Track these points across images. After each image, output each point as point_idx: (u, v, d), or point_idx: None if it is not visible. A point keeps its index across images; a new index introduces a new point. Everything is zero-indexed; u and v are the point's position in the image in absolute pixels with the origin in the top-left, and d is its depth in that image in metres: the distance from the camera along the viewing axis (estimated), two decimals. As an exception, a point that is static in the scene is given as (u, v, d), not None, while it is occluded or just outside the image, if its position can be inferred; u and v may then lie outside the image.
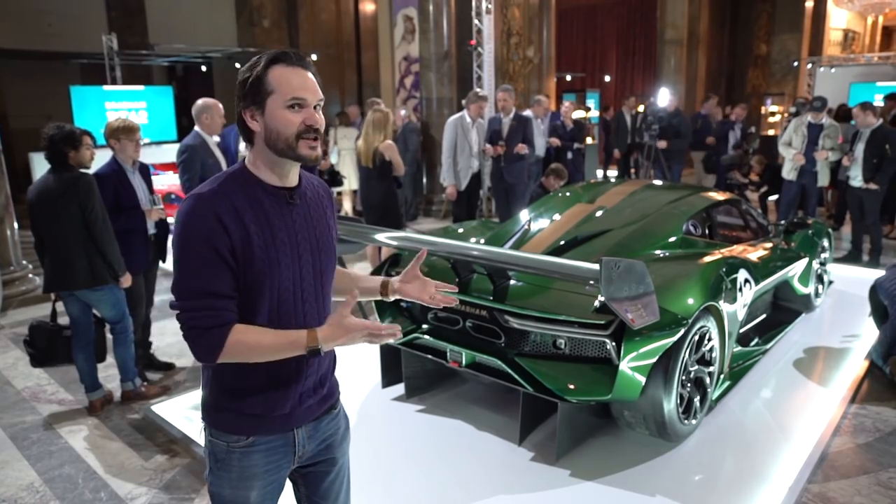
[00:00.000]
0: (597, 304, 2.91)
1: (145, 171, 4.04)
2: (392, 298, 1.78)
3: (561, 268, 2.75)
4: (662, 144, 8.69)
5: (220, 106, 4.51)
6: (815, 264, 4.89)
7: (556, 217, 4.02)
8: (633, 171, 12.27)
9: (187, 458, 3.22)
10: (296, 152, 1.47)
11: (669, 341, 2.85)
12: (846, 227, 8.00)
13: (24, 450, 3.34)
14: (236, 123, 1.54)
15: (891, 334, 3.97)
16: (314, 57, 12.50)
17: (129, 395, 3.83)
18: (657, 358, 2.84)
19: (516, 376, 2.99)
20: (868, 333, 4.58)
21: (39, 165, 9.29)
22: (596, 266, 2.49)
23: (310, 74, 1.50)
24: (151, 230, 4.03)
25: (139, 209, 3.90)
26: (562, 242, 3.65)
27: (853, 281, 5.83)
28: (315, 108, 1.49)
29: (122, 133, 3.82)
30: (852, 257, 6.80)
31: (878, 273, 4.49)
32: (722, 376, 3.51)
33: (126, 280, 3.67)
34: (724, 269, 3.39)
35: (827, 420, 3.43)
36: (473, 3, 9.25)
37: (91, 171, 3.66)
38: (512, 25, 10.49)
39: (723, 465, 3.08)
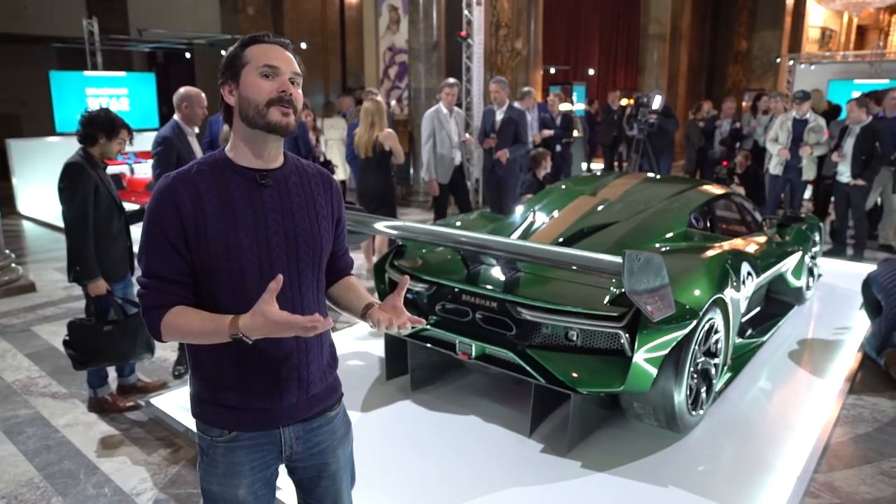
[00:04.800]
0: (609, 296, 2.92)
1: None
2: (368, 323, 1.58)
3: (582, 260, 2.75)
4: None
5: (203, 96, 4.10)
6: (807, 258, 4.97)
7: (560, 210, 4.01)
8: (616, 164, 12.37)
9: (191, 452, 3.16)
10: (266, 119, 1.44)
11: (681, 333, 2.87)
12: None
13: (20, 444, 3.25)
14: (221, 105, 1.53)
15: (885, 327, 4.05)
16: (302, 46, 12.34)
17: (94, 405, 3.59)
18: (669, 350, 2.86)
19: (528, 368, 2.99)
20: (858, 325, 4.67)
21: (17, 152, 9.06)
22: (618, 258, 2.49)
23: (286, 51, 1.50)
24: None
25: None
26: (567, 235, 3.65)
27: (840, 274, 5.95)
28: (292, 81, 1.48)
29: None
30: (836, 251, 6.93)
31: (865, 267, 4.57)
32: (724, 367, 3.55)
33: (93, 288, 3.32)
34: (729, 262, 3.43)
35: (827, 411, 3.49)
36: (464, -6, 9.20)
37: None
38: (501, 17, 10.46)
39: (730, 455, 3.11)
